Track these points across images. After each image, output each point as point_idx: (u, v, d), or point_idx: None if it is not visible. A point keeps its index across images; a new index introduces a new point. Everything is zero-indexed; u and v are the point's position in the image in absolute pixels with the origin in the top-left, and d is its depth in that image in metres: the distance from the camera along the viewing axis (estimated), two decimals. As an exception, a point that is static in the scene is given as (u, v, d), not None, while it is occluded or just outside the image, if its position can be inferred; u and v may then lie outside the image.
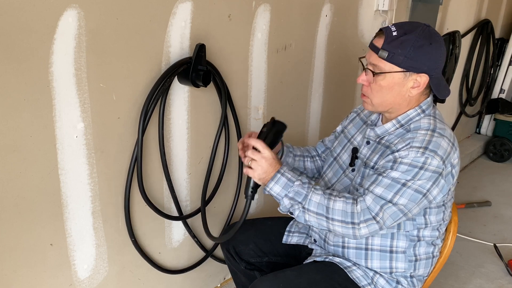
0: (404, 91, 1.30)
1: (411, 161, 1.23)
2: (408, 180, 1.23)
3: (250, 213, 2.07)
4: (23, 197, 1.26)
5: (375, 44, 1.29)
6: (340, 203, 1.26)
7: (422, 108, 1.34)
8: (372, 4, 2.29)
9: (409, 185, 1.23)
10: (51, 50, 1.19)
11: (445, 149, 1.25)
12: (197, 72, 1.48)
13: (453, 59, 2.65)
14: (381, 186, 1.24)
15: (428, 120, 1.32)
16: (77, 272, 1.46)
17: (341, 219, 1.26)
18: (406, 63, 1.25)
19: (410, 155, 1.24)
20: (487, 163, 3.75)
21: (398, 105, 1.33)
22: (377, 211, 1.24)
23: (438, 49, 1.28)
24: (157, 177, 1.60)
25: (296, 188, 1.28)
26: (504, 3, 3.75)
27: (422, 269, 1.41)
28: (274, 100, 1.96)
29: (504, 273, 2.30)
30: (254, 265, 1.59)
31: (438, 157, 1.23)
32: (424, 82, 1.29)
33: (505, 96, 3.81)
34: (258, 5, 1.72)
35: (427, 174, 1.23)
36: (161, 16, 1.42)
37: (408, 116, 1.34)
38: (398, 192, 1.23)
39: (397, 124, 1.35)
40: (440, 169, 1.24)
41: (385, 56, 1.26)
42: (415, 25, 1.28)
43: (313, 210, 1.27)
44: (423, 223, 1.35)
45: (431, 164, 1.23)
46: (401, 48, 1.24)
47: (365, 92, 1.36)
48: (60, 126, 1.27)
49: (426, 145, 1.24)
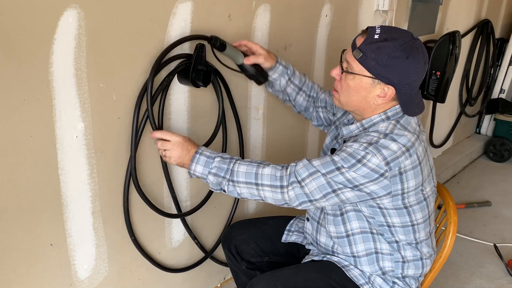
0: (370, 97, 1.28)
1: (352, 151, 1.22)
2: (344, 167, 1.21)
3: (250, 212, 2.07)
4: (23, 197, 1.26)
5: (355, 42, 1.27)
6: (269, 169, 1.27)
7: (388, 114, 1.31)
8: (372, 4, 2.29)
9: (342, 172, 1.21)
10: (51, 50, 1.19)
11: (393, 151, 1.22)
12: (197, 72, 1.48)
13: (453, 59, 2.64)
14: (319, 160, 1.25)
15: (387, 125, 1.29)
16: (77, 272, 1.46)
17: (270, 183, 1.25)
18: (376, 70, 1.22)
19: (354, 146, 1.23)
20: (487, 163, 3.75)
21: (362, 109, 1.32)
22: (304, 177, 1.23)
23: (413, 64, 1.22)
24: (157, 177, 1.60)
25: (217, 164, 1.29)
26: (504, 3, 3.75)
27: (412, 270, 1.40)
28: (274, 100, 1.96)
29: (504, 273, 2.30)
30: (255, 265, 1.60)
31: (380, 157, 1.20)
32: (390, 95, 1.26)
33: (505, 96, 3.81)
34: (258, 5, 1.72)
35: (364, 170, 1.20)
36: (161, 16, 1.42)
37: (372, 120, 1.32)
38: (331, 172, 1.22)
39: (361, 127, 1.34)
40: (381, 169, 1.21)
41: (358, 56, 1.24)
42: (402, 34, 1.24)
43: (242, 180, 1.27)
44: (384, 222, 1.33)
45: (370, 160, 1.20)
46: (375, 53, 1.21)
47: (336, 87, 1.36)
48: (60, 126, 1.27)
49: (371, 142, 1.23)
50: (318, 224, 1.46)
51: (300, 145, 2.21)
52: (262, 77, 1.60)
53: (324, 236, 1.44)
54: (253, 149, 1.95)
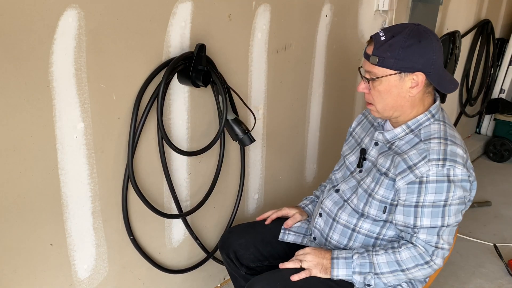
0: (404, 92, 1.30)
1: (437, 177, 1.24)
2: (445, 198, 1.25)
3: (249, 214, 2.07)
4: (23, 197, 1.26)
5: (367, 52, 1.31)
6: (405, 252, 1.30)
7: (432, 112, 1.34)
8: (372, 4, 2.29)
9: (450, 203, 1.26)
10: (51, 50, 1.19)
11: (462, 156, 1.27)
12: (197, 72, 1.48)
13: (453, 59, 2.64)
14: (425, 218, 1.27)
15: (439, 126, 1.32)
16: (77, 272, 1.46)
17: (415, 264, 1.29)
18: (397, 65, 1.26)
19: (432, 171, 1.25)
20: (487, 163, 3.74)
21: (401, 107, 1.33)
22: (437, 240, 1.28)
23: (429, 45, 1.27)
24: (157, 177, 1.60)
25: (357, 262, 1.31)
26: (504, 3, 3.75)
27: None
28: (274, 100, 1.96)
29: (504, 273, 2.30)
30: (255, 270, 1.57)
31: (460, 166, 1.25)
32: (422, 81, 1.28)
33: (505, 96, 3.81)
34: (258, 5, 1.72)
35: (458, 187, 1.25)
36: (161, 16, 1.42)
37: (418, 121, 1.34)
38: (444, 215, 1.26)
39: (407, 129, 1.35)
40: (466, 176, 1.26)
41: (376, 61, 1.27)
42: (404, 26, 1.29)
43: (386, 271, 1.30)
44: None
45: (456, 174, 1.24)
46: (390, 51, 1.25)
47: (368, 100, 1.37)
48: (60, 126, 1.27)
49: (444, 155, 1.25)
50: (333, 221, 1.44)
51: (300, 145, 2.21)
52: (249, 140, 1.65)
53: (338, 233, 1.43)
54: (253, 149, 1.95)
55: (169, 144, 1.51)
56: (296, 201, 1.74)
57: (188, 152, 1.59)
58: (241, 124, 1.64)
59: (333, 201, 1.46)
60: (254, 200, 2.07)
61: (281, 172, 2.16)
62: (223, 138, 1.75)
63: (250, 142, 1.66)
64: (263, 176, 2.06)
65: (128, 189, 1.50)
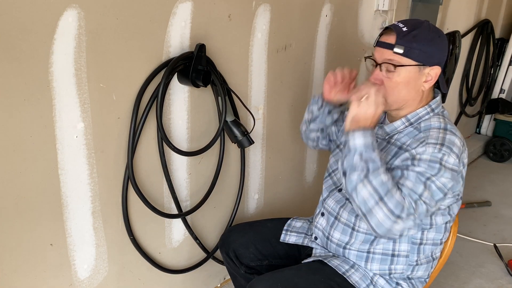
0: (418, 85, 1.31)
1: (430, 157, 1.21)
2: (433, 175, 1.20)
3: (249, 214, 2.07)
4: (23, 197, 1.26)
5: (386, 42, 1.29)
6: (399, 194, 1.18)
7: (432, 107, 1.35)
8: (372, 4, 2.29)
9: (433, 180, 1.20)
10: (51, 50, 1.19)
11: (459, 147, 1.25)
12: (197, 72, 1.48)
13: (453, 59, 2.65)
14: (409, 180, 1.20)
15: (438, 119, 1.32)
16: (77, 272, 1.46)
17: (393, 209, 1.16)
18: (421, 56, 1.27)
19: (428, 150, 1.22)
20: (487, 163, 3.75)
21: (412, 100, 1.33)
22: (414, 207, 1.19)
23: (445, 41, 1.32)
24: (157, 177, 1.60)
25: (374, 155, 1.19)
26: (504, 3, 3.75)
27: (421, 272, 1.41)
28: (274, 100, 1.96)
29: (504, 273, 2.30)
30: (254, 269, 1.58)
31: (454, 155, 1.22)
32: (436, 74, 1.30)
33: (505, 96, 3.81)
34: (258, 5, 1.72)
35: (448, 172, 1.21)
36: (161, 16, 1.42)
37: (418, 114, 1.34)
38: (425, 186, 1.19)
39: (407, 122, 1.35)
40: (457, 167, 1.23)
41: (402, 51, 1.26)
42: (418, 21, 1.31)
43: (375, 184, 1.17)
44: (428, 224, 1.34)
45: (448, 161, 1.21)
46: (415, 42, 1.26)
47: None
48: (60, 126, 1.27)
49: (442, 141, 1.24)
50: (335, 220, 1.44)
51: (300, 145, 2.21)
52: (248, 142, 1.64)
53: (339, 232, 1.42)
54: (253, 149, 1.95)
55: (169, 144, 1.51)
56: (296, 201, 1.75)
57: (188, 152, 1.59)
58: (240, 126, 1.64)
59: (335, 200, 1.46)
60: (254, 200, 2.07)
61: (281, 172, 2.16)
62: (223, 138, 1.76)
63: (249, 144, 1.65)
64: (263, 176, 2.06)
65: (128, 189, 1.50)
